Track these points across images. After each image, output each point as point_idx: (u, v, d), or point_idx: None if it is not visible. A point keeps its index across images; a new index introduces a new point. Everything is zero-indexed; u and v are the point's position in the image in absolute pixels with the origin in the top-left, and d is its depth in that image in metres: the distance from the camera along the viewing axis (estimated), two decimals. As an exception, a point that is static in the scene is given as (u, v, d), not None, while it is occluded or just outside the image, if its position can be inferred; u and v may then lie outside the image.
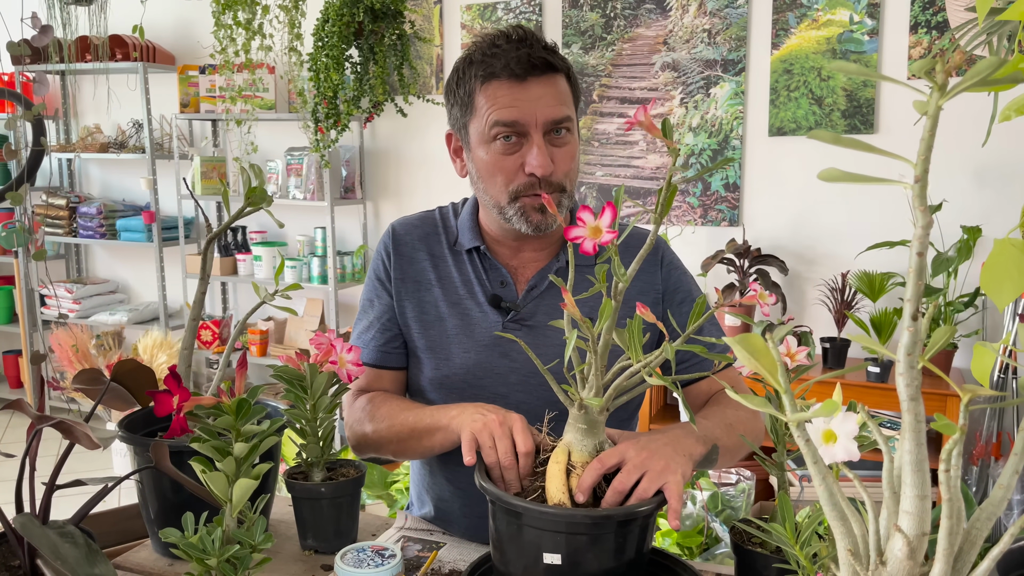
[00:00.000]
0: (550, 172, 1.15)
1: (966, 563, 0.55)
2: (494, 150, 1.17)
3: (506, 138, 1.16)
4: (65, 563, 0.77)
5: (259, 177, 1.08)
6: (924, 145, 0.49)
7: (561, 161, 1.18)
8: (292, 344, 3.99)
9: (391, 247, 1.32)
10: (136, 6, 3.22)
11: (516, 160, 1.17)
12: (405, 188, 3.82)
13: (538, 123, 1.15)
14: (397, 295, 1.30)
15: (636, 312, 0.83)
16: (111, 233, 4.22)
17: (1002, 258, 0.70)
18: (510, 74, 1.14)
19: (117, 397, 1.08)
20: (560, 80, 1.18)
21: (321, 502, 1.11)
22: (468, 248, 1.29)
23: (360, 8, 3.22)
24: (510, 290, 1.27)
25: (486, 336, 1.25)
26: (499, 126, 1.15)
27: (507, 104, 1.15)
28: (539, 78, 1.15)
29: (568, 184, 1.20)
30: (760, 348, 0.55)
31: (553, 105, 1.15)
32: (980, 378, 0.63)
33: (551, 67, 1.16)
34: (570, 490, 0.88)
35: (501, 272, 1.28)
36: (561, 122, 1.17)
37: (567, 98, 1.19)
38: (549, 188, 1.16)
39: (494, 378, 1.25)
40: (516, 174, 1.17)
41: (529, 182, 1.17)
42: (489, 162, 1.18)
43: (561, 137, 1.18)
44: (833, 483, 0.57)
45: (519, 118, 1.14)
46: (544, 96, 1.15)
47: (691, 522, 2.32)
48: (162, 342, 3.57)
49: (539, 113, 1.14)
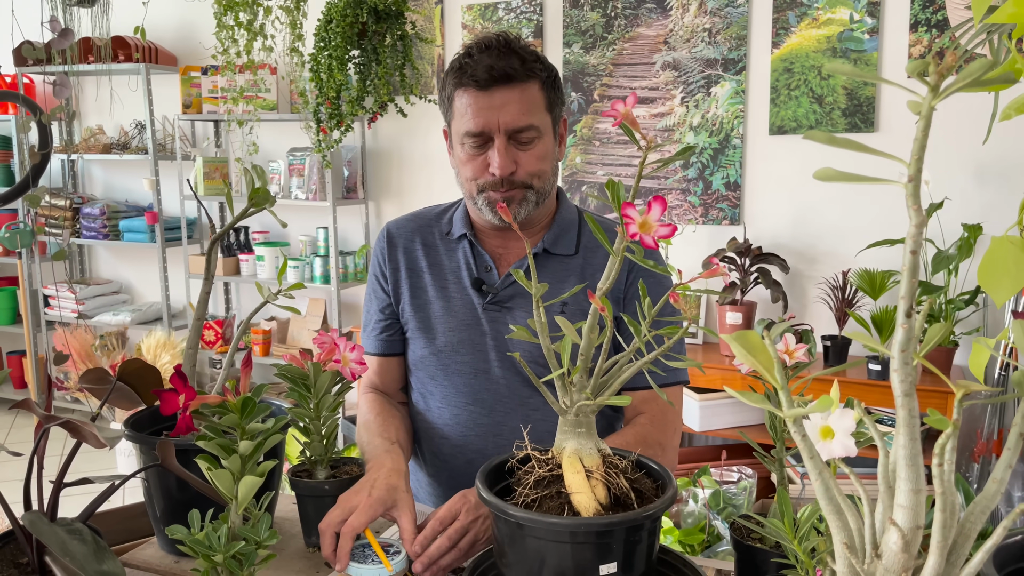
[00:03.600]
0: (509, 173, 1.26)
1: (960, 556, 0.56)
2: (465, 150, 1.29)
3: (474, 142, 1.27)
4: (74, 560, 0.78)
5: (262, 178, 1.09)
6: (917, 145, 0.50)
7: (526, 162, 1.27)
8: (295, 344, 4.00)
9: (385, 245, 1.45)
10: (138, 7, 3.24)
11: (483, 161, 1.28)
12: (407, 188, 3.83)
13: (500, 129, 1.25)
14: (394, 285, 1.43)
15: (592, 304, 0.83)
16: (114, 234, 4.24)
17: (1000, 255, 0.71)
18: (476, 84, 1.25)
19: (123, 396, 1.09)
20: (529, 88, 1.26)
21: (325, 499, 1.12)
22: (458, 236, 1.40)
23: (364, 9, 3.23)
24: (493, 275, 1.38)
25: (469, 316, 1.36)
26: (467, 135, 1.27)
27: (473, 115, 1.25)
28: (503, 87, 1.24)
29: (536, 181, 1.29)
30: (757, 345, 0.56)
31: (515, 114, 1.24)
32: (977, 374, 0.64)
33: (513, 77, 1.24)
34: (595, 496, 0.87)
35: (486, 259, 1.38)
36: (523, 130, 1.25)
37: (534, 106, 1.27)
38: (511, 185, 1.27)
39: (476, 355, 1.36)
40: (483, 172, 1.28)
41: (493, 180, 1.27)
42: (463, 159, 1.30)
43: (527, 142, 1.27)
44: (829, 477, 0.58)
45: (483, 127, 1.25)
46: (507, 104, 1.24)
47: (693, 520, 2.33)
48: (165, 342, 3.58)
49: (501, 121, 1.24)
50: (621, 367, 0.88)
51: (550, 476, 0.88)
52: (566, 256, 1.36)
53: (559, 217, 1.39)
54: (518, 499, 0.88)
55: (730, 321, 2.97)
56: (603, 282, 0.85)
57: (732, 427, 2.96)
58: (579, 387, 0.88)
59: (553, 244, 1.36)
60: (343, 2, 3.24)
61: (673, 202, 3.29)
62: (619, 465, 0.89)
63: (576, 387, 0.88)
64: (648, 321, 0.83)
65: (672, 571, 0.97)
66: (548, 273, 1.35)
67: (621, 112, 0.78)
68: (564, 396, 0.89)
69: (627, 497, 0.87)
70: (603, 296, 0.83)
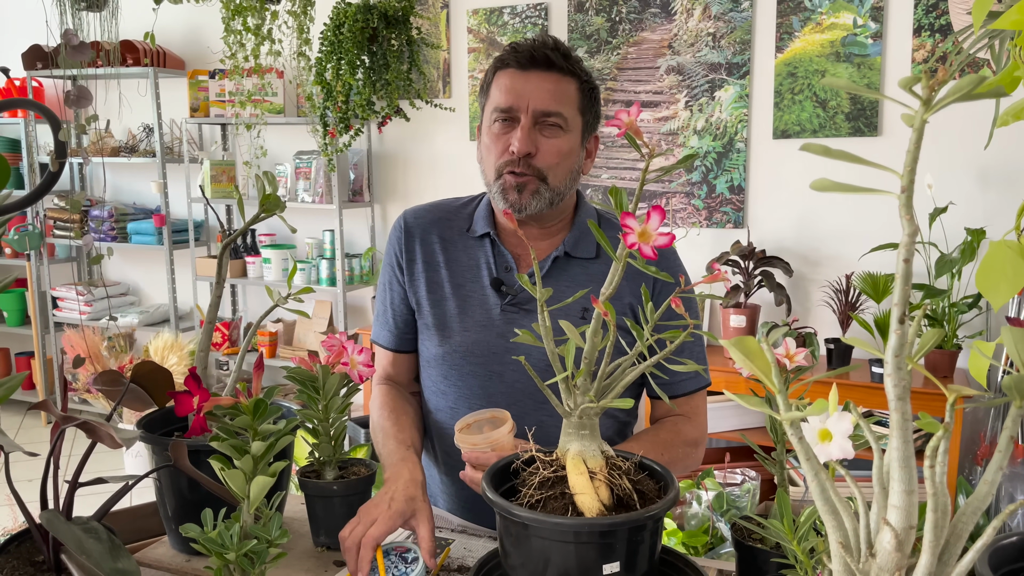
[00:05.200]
0: (527, 151, 1.26)
1: (952, 555, 0.57)
2: (493, 130, 1.30)
3: (503, 120, 1.28)
4: (90, 557, 0.80)
5: (272, 184, 1.11)
6: (910, 157, 0.52)
7: (546, 152, 1.27)
8: (301, 346, 4.02)
9: (402, 235, 1.43)
10: (146, 11, 3.26)
11: (506, 141, 1.29)
12: (412, 191, 3.85)
13: (528, 110, 1.26)
14: (410, 276, 1.42)
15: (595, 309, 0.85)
16: (122, 236, 4.27)
17: (997, 259, 0.73)
18: (516, 63, 1.28)
19: (135, 398, 1.11)
20: (565, 81, 1.28)
21: (333, 500, 1.14)
22: (480, 234, 1.39)
23: (374, 14, 3.26)
24: (513, 276, 1.36)
25: (485, 317, 1.35)
26: (497, 111, 1.29)
27: (505, 91, 1.28)
28: (541, 72, 1.27)
29: (551, 176, 1.29)
30: (755, 350, 0.58)
31: (546, 98, 1.26)
32: (978, 377, 0.65)
33: (553, 64, 1.27)
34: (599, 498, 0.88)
35: (507, 258, 1.37)
36: (550, 115, 1.26)
37: (566, 98, 1.28)
38: (528, 169, 1.27)
39: (490, 357, 1.34)
40: (504, 152, 1.29)
41: (510, 159, 1.28)
42: (487, 141, 1.31)
43: (551, 131, 1.28)
44: (825, 479, 0.60)
45: (513, 103, 1.27)
46: (540, 88, 1.27)
47: (697, 522, 2.34)
48: (173, 344, 3.61)
49: (531, 101, 1.26)
50: (624, 370, 0.90)
51: (554, 477, 0.90)
52: (587, 259, 1.35)
53: (579, 221, 1.38)
54: (523, 500, 0.89)
55: (734, 324, 2.98)
56: (606, 287, 0.87)
57: (735, 429, 2.98)
58: (583, 390, 0.89)
59: (574, 247, 1.35)
60: (354, 7, 3.27)
61: (677, 205, 3.30)
62: (622, 467, 0.91)
63: (580, 390, 0.90)
64: (670, 332, 0.85)
65: (674, 571, 0.99)
66: (567, 276, 1.34)
67: (625, 122, 0.80)
68: (568, 399, 0.91)
69: (630, 498, 0.89)
70: (606, 301, 0.85)
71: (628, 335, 1.29)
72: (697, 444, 1.36)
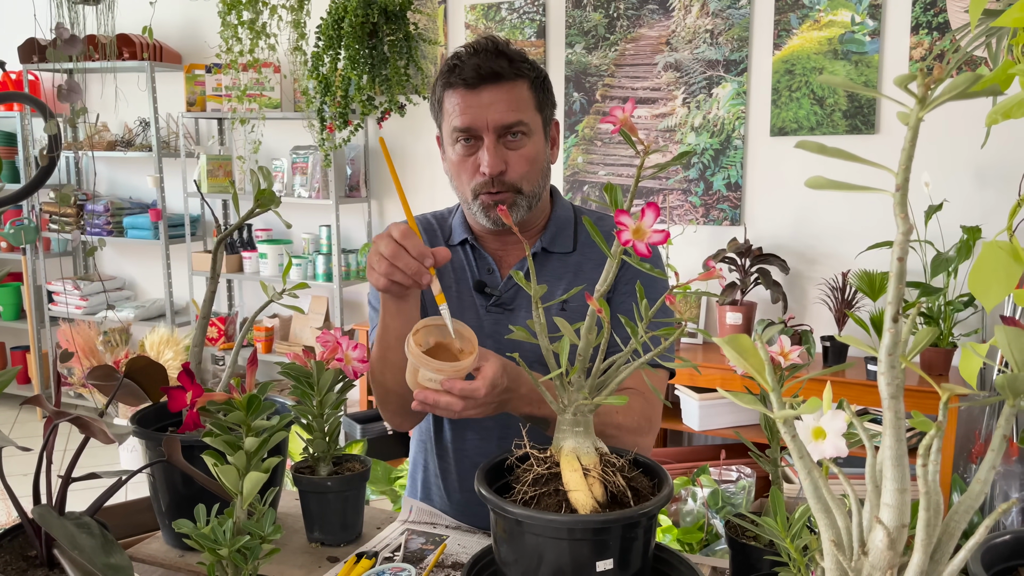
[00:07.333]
0: (499, 171, 1.25)
1: (944, 554, 0.57)
2: (457, 151, 1.29)
3: (465, 140, 1.27)
4: (82, 552, 0.80)
5: (268, 180, 1.11)
6: (904, 156, 0.52)
7: (516, 164, 1.27)
8: (296, 341, 4.02)
9: None
10: (143, 6, 3.25)
11: (474, 161, 1.28)
12: (409, 186, 3.84)
13: (489, 127, 1.25)
14: None
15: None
16: (118, 230, 4.26)
17: (989, 260, 0.72)
18: (464, 83, 1.25)
19: (129, 393, 1.11)
20: (517, 87, 1.27)
21: (327, 496, 1.14)
22: (458, 241, 1.40)
23: (375, 9, 3.25)
24: (495, 277, 1.38)
25: (471, 319, 1.35)
26: (456, 131, 1.27)
27: (461, 111, 1.26)
28: (491, 86, 1.25)
29: (525, 185, 1.28)
30: (748, 348, 0.57)
31: (503, 111, 1.25)
32: (968, 378, 0.65)
33: (501, 76, 1.25)
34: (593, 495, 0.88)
35: (488, 261, 1.38)
36: (512, 126, 1.26)
37: (523, 104, 1.27)
38: (502, 187, 1.27)
39: None
40: (474, 174, 1.28)
41: (484, 181, 1.27)
42: (455, 162, 1.30)
43: (516, 140, 1.27)
44: (818, 477, 0.59)
45: (471, 123, 1.25)
46: (495, 103, 1.25)
47: (692, 519, 2.35)
48: (168, 338, 3.60)
49: (489, 118, 1.24)
50: (618, 367, 0.90)
51: (548, 474, 0.90)
52: (564, 254, 1.37)
53: (555, 216, 1.40)
54: (516, 496, 0.89)
55: (730, 321, 2.98)
56: (601, 284, 0.87)
57: (731, 427, 2.98)
58: (576, 387, 0.89)
59: (551, 243, 1.37)
60: (355, 2, 3.26)
61: (674, 202, 3.30)
62: (616, 463, 0.91)
63: (574, 387, 0.89)
64: (644, 323, 0.85)
65: (668, 568, 0.99)
66: (547, 271, 1.36)
67: (620, 119, 0.80)
68: (562, 395, 0.91)
69: (624, 495, 0.89)
70: (600, 298, 0.84)
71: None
72: (631, 431, 1.23)
